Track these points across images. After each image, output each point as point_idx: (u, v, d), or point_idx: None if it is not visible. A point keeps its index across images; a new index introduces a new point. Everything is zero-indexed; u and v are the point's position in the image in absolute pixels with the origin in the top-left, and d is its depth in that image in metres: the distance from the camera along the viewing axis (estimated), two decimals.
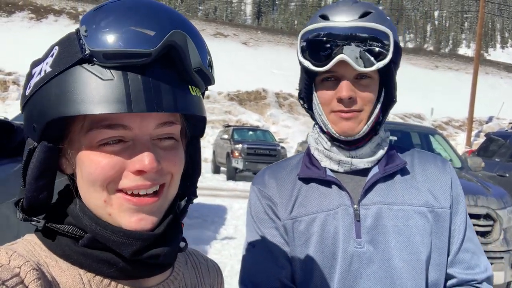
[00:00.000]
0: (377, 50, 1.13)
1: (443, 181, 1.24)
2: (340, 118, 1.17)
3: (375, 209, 1.18)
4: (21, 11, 44.86)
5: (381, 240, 1.16)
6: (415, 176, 1.24)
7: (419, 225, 1.17)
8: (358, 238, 1.16)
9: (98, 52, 0.62)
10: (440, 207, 1.20)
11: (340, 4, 1.19)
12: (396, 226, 1.16)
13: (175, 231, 0.73)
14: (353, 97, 1.15)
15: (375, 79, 1.18)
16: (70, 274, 0.68)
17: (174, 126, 0.70)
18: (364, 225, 1.17)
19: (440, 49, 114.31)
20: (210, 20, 67.98)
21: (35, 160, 0.68)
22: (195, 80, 0.69)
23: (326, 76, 1.18)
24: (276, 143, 16.26)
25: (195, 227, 7.50)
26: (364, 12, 1.15)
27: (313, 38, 1.17)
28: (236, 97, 27.04)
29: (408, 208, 1.18)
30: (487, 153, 10.10)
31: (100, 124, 0.65)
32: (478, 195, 4.64)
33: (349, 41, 1.12)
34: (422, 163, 1.28)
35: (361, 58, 1.12)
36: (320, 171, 1.24)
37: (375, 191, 1.20)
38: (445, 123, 27.55)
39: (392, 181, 1.22)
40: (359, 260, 1.16)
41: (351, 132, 1.18)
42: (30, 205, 0.70)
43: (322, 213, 1.19)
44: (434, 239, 1.18)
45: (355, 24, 1.13)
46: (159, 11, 0.66)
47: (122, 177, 0.66)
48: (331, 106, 1.18)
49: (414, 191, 1.21)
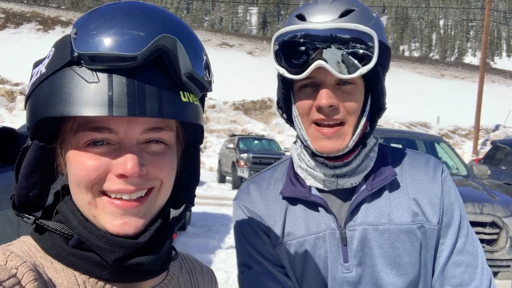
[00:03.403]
0: (360, 53, 1.01)
1: (432, 192, 1.14)
2: (321, 135, 1.06)
3: (360, 230, 1.10)
4: (28, 23, 45.31)
5: (368, 263, 1.10)
6: (404, 188, 1.14)
7: (407, 245, 1.10)
8: (345, 262, 1.10)
9: (85, 54, 0.62)
10: (428, 222, 1.11)
11: (318, 2, 1.08)
12: (381, 248, 1.10)
13: (163, 239, 0.71)
14: (334, 105, 1.04)
15: (359, 84, 1.07)
16: (65, 275, 0.68)
17: (163, 132, 0.69)
18: (351, 248, 1.10)
19: (445, 58, 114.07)
20: (215, 30, 68.31)
21: (27, 158, 0.69)
22: (186, 86, 0.67)
23: (305, 83, 1.07)
24: (282, 152, 16.23)
25: (200, 236, 7.48)
26: (345, 10, 1.04)
27: (288, 41, 1.05)
28: (242, 106, 27.06)
29: (395, 228, 1.10)
30: (493, 161, 10.04)
31: (87, 126, 0.65)
32: (484, 203, 4.60)
33: (329, 44, 1.01)
34: (412, 169, 1.18)
35: (343, 62, 1.01)
36: (305, 189, 1.14)
37: (361, 211, 1.11)
38: (451, 132, 27.39)
39: (380, 198, 1.13)
40: (348, 285, 1.10)
41: (335, 151, 1.07)
42: (21, 202, 0.71)
43: (311, 237, 1.12)
44: (423, 256, 1.11)
45: (334, 26, 1.01)
46: (152, 15, 0.66)
47: (106, 179, 0.66)
48: (311, 116, 1.07)
49: (401, 208, 1.12)
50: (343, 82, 1.05)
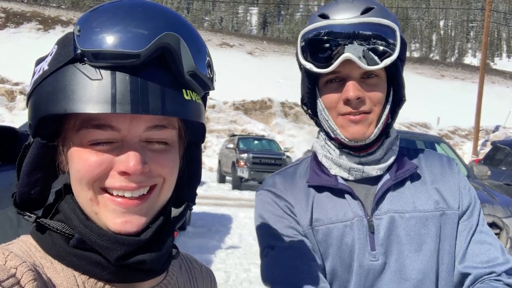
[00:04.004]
0: (381, 49, 1.07)
1: (450, 180, 1.20)
2: (349, 121, 1.11)
3: (387, 218, 1.13)
4: (29, 22, 45.33)
5: (394, 250, 1.12)
6: (424, 179, 1.20)
7: (432, 231, 1.14)
8: (372, 250, 1.12)
9: (88, 51, 0.62)
10: (449, 208, 1.16)
11: (339, 2, 1.13)
12: (408, 235, 1.13)
13: (165, 237, 0.71)
14: (361, 97, 1.09)
15: (382, 77, 1.12)
16: (65, 275, 0.67)
17: (166, 130, 0.69)
18: (378, 237, 1.13)
19: (445, 59, 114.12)
20: (216, 30, 68.35)
21: (29, 156, 0.69)
22: (189, 84, 0.67)
23: (330, 78, 1.12)
24: (282, 152, 16.24)
25: (200, 236, 7.49)
26: (366, 8, 1.09)
27: (314, 38, 1.10)
28: (242, 106, 27.07)
29: (420, 215, 1.14)
30: (494, 161, 10.05)
31: (90, 123, 0.65)
32: (484, 204, 4.60)
33: (352, 40, 1.06)
34: (428, 164, 1.24)
35: (367, 56, 1.06)
36: (331, 178, 1.17)
37: (387, 200, 1.15)
38: (451, 132, 27.40)
39: (403, 187, 1.17)
40: (374, 273, 1.12)
41: (361, 136, 1.11)
42: (22, 199, 0.70)
43: (340, 224, 1.14)
44: (443, 243, 1.15)
45: (357, 20, 1.06)
46: (155, 13, 0.66)
47: (108, 176, 0.66)
48: (338, 109, 1.12)
49: (424, 196, 1.17)
50: (368, 75, 1.10)
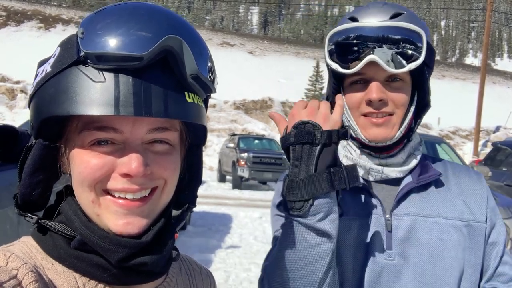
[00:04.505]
0: (409, 53, 1.07)
1: (478, 194, 1.19)
2: (371, 123, 1.12)
3: (408, 220, 1.12)
4: (30, 21, 45.38)
5: (413, 253, 1.10)
6: (450, 188, 1.19)
7: (454, 239, 1.12)
8: (389, 249, 1.11)
9: (92, 54, 0.62)
10: (476, 221, 1.15)
11: (370, 6, 1.14)
12: (430, 240, 1.11)
13: (166, 239, 0.71)
14: (384, 99, 1.09)
15: (407, 81, 1.13)
16: (66, 277, 0.67)
17: (168, 132, 0.69)
18: (395, 237, 1.11)
19: (446, 59, 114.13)
20: (216, 29, 68.38)
21: (31, 157, 0.69)
22: (191, 87, 0.68)
23: (355, 79, 1.13)
24: (282, 152, 16.19)
25: (200, 236, 7.49)
26: (395, 13, 1.10)
27: (342, 40, 1.12)
28: (242, 106, 27.09)
29: (443, 222, 1.12)
30: (494, 162, 10.04)
31: (92, 125, 0.65)
32: None
33: (380, 43, 1.07)
34: (456, 174, 1.23)
35: (392, 61, 1.07)
36: None
37: (409, 201, 1.14)
38: (452, 133, 27.42)
39: (426, 192, 1.16)
40: (388, 272, 1.10)
41: (383, 138, 1.12)
42: (24, 201, 0.71)
43: (356, 220, 1.14)
44: (468, 255, 1.12)
45: (386, 24, 1.07)
46: (158, 16, 0.66)
47: (110, 178, 0.66)
48: (360, 109, 1.13)
49: (449, 204, 1.15)
50: (392, 79, 1.11)
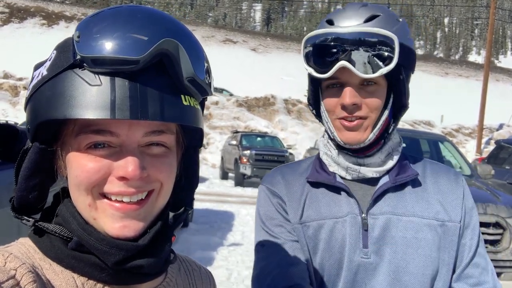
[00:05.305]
0: (382, 55, 1.09)
1: (455, 193, 1.21)
2: (344, 126, 1.15)
3: (383, 219, 1.15)
4: (33, 18, 45.45)
5: (388, 251, 1.14)
6: (427, 188, 1.21)
7: (428, 238, 1.14)
8: (365, 248, 1.14)
9: (88, 57, 0.62)
10: (451, 220, 1.17)
11: (347, 8, 1.17)
12: (404, 238, 1.14)
13: (162, 242, 0.71)
14: (357, 103, 1.12)
15: (381, 85, 1.15)
16: (64, 277, 0.67)
17: (164, 135, 0.69)
18: (371, 235, 1.14)
19: (450, 56, 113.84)
20: (219, 26, 68.33)
21: (27, 161, 0.69)
22: (188, 90, 0.68)
23: (331, 83, 1.16)
24: (284, 149, 16.24)
25: (202, 233, 7.50)
26: (371, 16, 1.12)
27: (317, 44, 1.15)
28: (245, 103, 27.08)
29: (418, 220, 1.15)
30: (497, 160, 10.02)
31: (88, 129, 0.65)
32: (488, 203, 4.59)
33: (353, 47, 1.09)
34: (434, 174, 1.25)
35: (367, 64, 1.09)
36: (329, 176, 1.21)
37: (385, 201, 1.17)
38: (455, 130, 27.34)
39: (402, 192, 1.19)
40: (364, 270, 1.14)
41: (356, 141, 1.15)
42: (20, 204, 0.71)
43: (331, 220, 1.17)
44: (442, 254, 1.15)
45: (358, 29, 1.10)
46: (154, 19, 0.66)
47: (107, 182, 0.66)
48: (336, 113, 1.16)
49: (424, 203, 1.18)
50: (367, 82, 1.13)
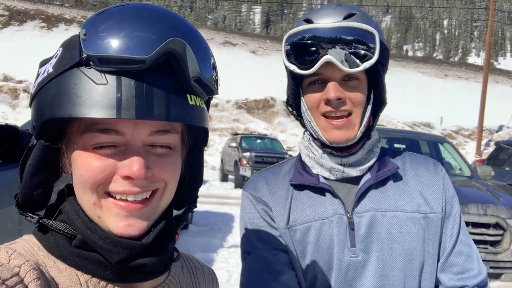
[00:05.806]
0: (362, 53, 1.11)
1: (435, 184, 1.22)
2: (331, 126, 1.15)
3: (368, 216, 1.16)
4: (32, 20, 45.46)
5: (375, 248, 1.14)
6: (407, 181, 1.22)
7: (413, 232, 1.16)
8: (352, 247, 1.15)
9: (94, 56, 0.62)
10: (432, 212, 1.19)
11: (323, 8, 1.18)
12: (389, 233, 1.15)
13: (166, 240, 0.71)
14: (342, 97, 1.12)
15: (363, 80, 1.16)
16: (68, 274, 0.68)
17: (169, 134, 0.69)
18: (358, 234, 1.15)
19: (449, 58, 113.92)
20: (219, 29, 68.38)
21: (32, 158, 0.69)
22: (194, 89, 0.68)
23: (313, 80, 1.16)
24: (284, 151, 16.25)
25: (202, 235, 7.49)
26: (348, 14, 1.14)
27: (298, 41, 1.15)
28: (244, 105, 27.07)
29: (402, 215, 1.16)
30: (497, 162, 10.02)
31: (94, 127, 0.65)
32: (488, 204, 4.58)
33: (334, 44, 1.10)
34: (413, 166, 1.26)
35: (348, 59, 1.10)
36: (312, 177, 1.21)
37: (368, 198, 1.18)
38: (454, 132, 27.35)
39: (385, 187, 1.20)
40: (354, 269, 1.14)
41: (345, 140, 1.15)
42: (25, 201, 0.71)
43: (317, 222, 1.17)
44: (427, 246, 1.17)
45: (339, 25, 1.11)
46: (161, 18, 0.66)
47: (112, 181, 0.66)
48: (320, 109, 1.15)
49: (406, 197, 1.19)
50: (348, 78, 1.14)
